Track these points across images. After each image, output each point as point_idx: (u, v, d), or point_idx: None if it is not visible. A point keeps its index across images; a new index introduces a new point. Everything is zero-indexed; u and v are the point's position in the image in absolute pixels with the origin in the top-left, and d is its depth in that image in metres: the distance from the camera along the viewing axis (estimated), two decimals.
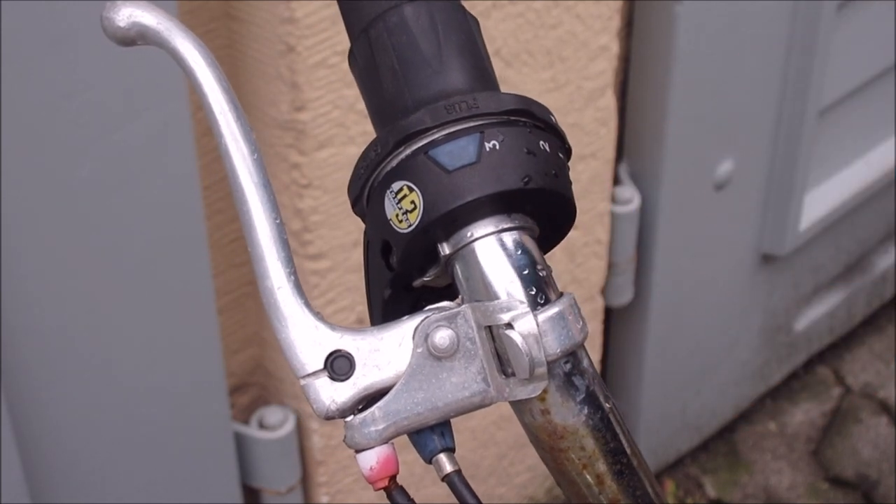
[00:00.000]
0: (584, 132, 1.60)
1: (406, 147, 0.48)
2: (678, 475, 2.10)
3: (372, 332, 0.48)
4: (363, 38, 0.50)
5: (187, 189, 1.25)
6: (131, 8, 0.47)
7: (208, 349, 1.36)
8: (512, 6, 1.40)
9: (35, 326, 1.20)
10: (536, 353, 0.47)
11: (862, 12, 1.84)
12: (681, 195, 1.78)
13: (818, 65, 1.78)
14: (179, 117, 1.20)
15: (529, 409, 0.49)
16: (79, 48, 1.10)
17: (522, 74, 1.47)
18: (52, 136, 1.13)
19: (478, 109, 0.48)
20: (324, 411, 0.47)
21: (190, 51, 0.47)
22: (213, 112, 0.47)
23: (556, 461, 0.50)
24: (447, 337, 0.47)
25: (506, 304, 0.47)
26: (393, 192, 0.48)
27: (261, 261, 0.47)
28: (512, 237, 0.48)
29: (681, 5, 1.60)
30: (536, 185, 0.48)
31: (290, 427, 1.51)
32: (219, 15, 1.28)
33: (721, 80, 1.73)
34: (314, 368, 0.47)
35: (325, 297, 1.41)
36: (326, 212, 1.36)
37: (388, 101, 0.49)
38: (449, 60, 0.49)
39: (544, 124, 0.49)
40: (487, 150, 0.47)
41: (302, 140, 1.29)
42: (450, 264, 0.49)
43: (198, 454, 1.42)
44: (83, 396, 1.27)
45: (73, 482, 1.31)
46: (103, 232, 1.21)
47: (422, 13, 0.49)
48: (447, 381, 0.47)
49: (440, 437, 0.48)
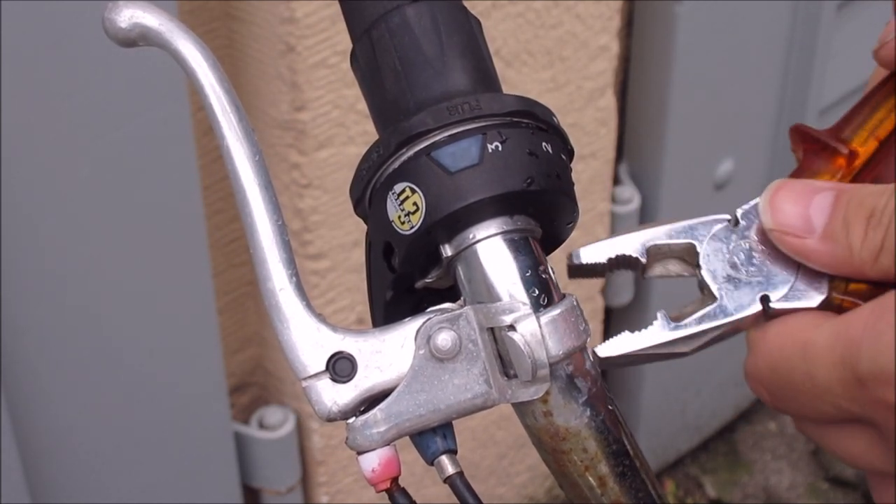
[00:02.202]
0: (584, 132, 1.60)
1: (408, 148, 0.48)
2: (678, 475, 2.10)
3: (374, 334, 0.48)
4: (365, 38, 0.50)
5: (187, 189, 1.25)
6: (133, 9, 0.47)
7: (208, 349, 1.36)
8: (512, 6, 1.40)
9: (35, 326, 1.20)
10: (539, 354, 0.47)
11: (862, 12, 1.84)
12: (681, 195, 1.78)
13: (818, 65, 1.78)
14: (179, 117, 1.20)
15: (532, 411, 0.49)
16: (79, 48, 1.09)
17: (522, 74, 1.47)
18: (52, 135, 1.13)
19: (480, 111, 0.47)
20: (325, 413, 0.47)
21: (192, 52, 0.47)
22: (215, 113, 0.47)
23: (559, 463, 0.50)
24: (449, 339, 0.47)
25: (508, 306, 0.47)
26: (395, 193, 0.48)
27: (262, 263, 0.47)
28: (514, 239, 0.48)
29: (681, 5, 1.60)
30: (539, 186, 0.47)
31: (290, 427, 1.51)
32: (219, 15, 1.28)
33: (721, 80, 1.73)
34: (316, 370, 0.47)
35: (325, 296, 1.41)
36: (326, 212, 1.36)
37: (390, 102, 0.49)
38: (451, 61, 0.49)
39: (547, 126, 0.49)
40: (490, 152, 0.47)
41: (302, 140, 1.29)
42: (452, 266, 0.49)
43: (198, 454, 1.42)
44: (83, 397, 1.27)
45: (73, 482, 1.30)
46: (103, 232, 1.21)
47: (424, 14, 0.49)
48: (449, 383, 0.47)
49: (442, 439, 0.48)
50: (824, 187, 0.49)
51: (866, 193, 0.48)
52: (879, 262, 0.47)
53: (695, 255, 0.52)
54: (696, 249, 0.52)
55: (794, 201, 0.50)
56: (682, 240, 0.52)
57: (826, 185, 0.50)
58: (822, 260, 0.49)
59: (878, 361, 0.45)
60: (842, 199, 0.48)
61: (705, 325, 0.51)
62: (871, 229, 0.47)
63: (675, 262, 0.53)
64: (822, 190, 0.49)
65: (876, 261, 0.47)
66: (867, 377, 0.46)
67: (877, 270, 0.47)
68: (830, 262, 0.49)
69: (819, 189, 0.49)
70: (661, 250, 0.52)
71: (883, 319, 0.46)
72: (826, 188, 0.49)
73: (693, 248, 0.52)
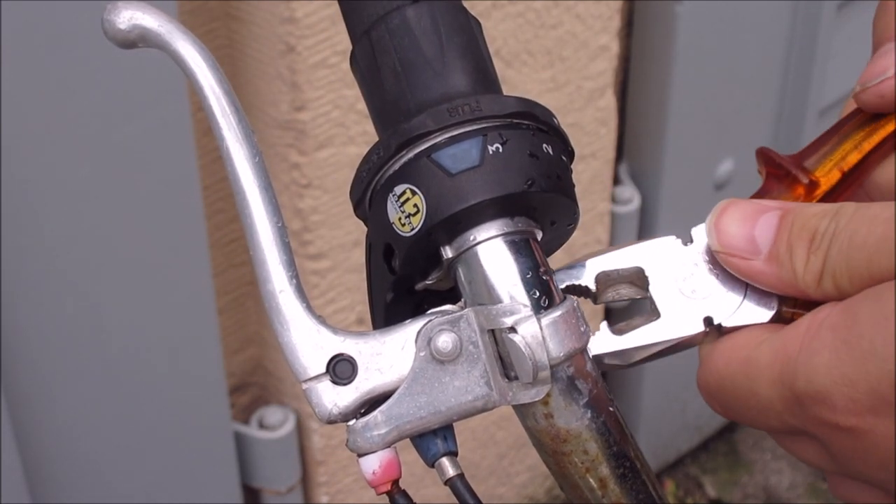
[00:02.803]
0: (584, 132, 1.60)
1: (408, 150, 0.47)
2: (678, 475, 2.10)
3: (374, 336, 0.48)
4: (365, 39, 0.50)
5: (187, 189, 1.25)
6: (132, 10, 0.47)
7: (208, 349, 1.35)
8: (512, 6, 1.40)
9: (35, 326, 1.20)
10: (539, 356, 0.47)
11: (862, 12, 1.84)
12: (681, 195, 1.78)
13: (818, 65, 1.78)
14: (179, 117, 1.20)
15: (532, 413, 0.49)
16: (79, 48, 1.09)
17: (522, 74, 1.47)
18: (52, 135, 1.13)
19: (480, 112, 0.47)
20: (326, 415, 0.47)
21: (191, 53, 0.47)
22: (214, 115, 0.47)
23: (559, 465, 0.50)
24: (450, 340, 0.47)
25: (509, 308, 0.47)
26: (395, 195, 0.47)
27: (262, 264, 0.47)
28: (515, 240, 0.48)
29: (681, 5, 1.60)
30: (539, 188, 0.47)
31: (290, 427, 1.51)
32: (219, 15, 1.28)
33: (721, 80, 1.73)
34: (316, 372, 0.47)
35: (325, 296, 1.41)
36: (326, 212, 1.36)
37: (390, 103, 0.49)
38: (451, 62, 0.49)
39: (547, 127, 0.49)
40: (490, 154, 0.47)
41: (302, 140, 1.29)
42: (452, 268, 0.49)
43: (198, 454, 1.42)
44: (83, 396, 1.27)
45: (73, 482, 1.30)
46: (103, 232, 1.21)
47: (424, 15, 0.49)
48: (450, 385, 0.47)
49: (443, 441, 0.48)
50: (770, 207, 0.49)
51: (810, 215, 0.48)
52: (822, 285, 0.47)
53: (644, 279, 0.52)
54: (643, 273, 0.52)
55: (741, 222, 0.49)
56: (630, 264, 0.52)
57: (772, 205, 0.49)
58: (769, 282, 0.49)
59: (814, 382, 0.46)
60: (786, 220, 0.49)
61: (643, 341, 0.52)
62: (812, 253, 0.47)
63: (625, 287, 0.53)
64: (768, 210, 0.49)
65: (818, 284, 0.47)
66: (804, 397, 0.46)
67: (820, 293, 0.48)
68: (777, 283, 0.49)
69: (765, 209, 0.49)
70: (611, 276, 0.53)
71: (817, 338, 0.46)
72: (772, 207, 0.49)
73: (641, 272, 0.52)
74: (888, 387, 0.44)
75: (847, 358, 0.45)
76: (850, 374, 0.45)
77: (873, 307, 0.45)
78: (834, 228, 0.47)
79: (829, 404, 0.45)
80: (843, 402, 0.45)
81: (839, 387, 0.45)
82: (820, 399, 0.46)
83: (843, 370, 0.45)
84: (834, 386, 0.45)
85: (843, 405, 0.45)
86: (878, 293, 0.45)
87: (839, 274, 0.47)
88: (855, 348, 0.45)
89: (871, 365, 0.44)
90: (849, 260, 0.46)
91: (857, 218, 0.46)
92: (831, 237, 0.47)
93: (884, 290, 0.45)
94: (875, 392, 0.44)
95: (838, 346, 0.45)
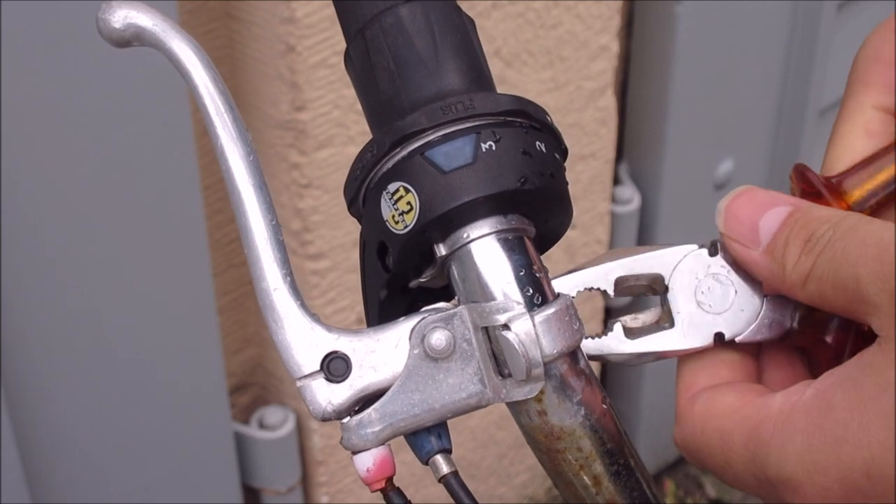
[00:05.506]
0: (584, 132, 1.60)
1: (402, 148, 0.48)
2: (678, 475, 2.10)
3: (368, 334, 0.48)
4: (359, 38, 0.50)
5: (187, 189, 1.25)
6: (127, 9, 0.47)
7: (208, 349, 1.36)
8: (512, 6, 1.40)
9: (35, 326, 1.20)
10: (533, 353, 0.47)
11: (862, 12, 1.84)
12: (681, 195, 1.78)
13: (818, 65, 1.78)
14: (179, 117, 1.20)
15: (526, 411, 0.49)
16: (79, 48, 1.10)
17: (522, 74, 1.47)
18: (52, 135, 1.13)
19: (474, 110, 0.48)
20: (320, 413, 0.47)
21: (185, 52, 0.47)
22: (208, 114, 0.47)
23: (553, 462, 0.50)
24: (444, 338, 0.47)
25: (502, 305, 0.47)
26: (389, 193, 0.48)
27: (257, 262, 0.47)
28: (508, 238, 0.48)
29: (681, 5, 1.60)
30: (532, 185, 0.48)
31: (290, 427, 1.51)
32: (219, 15, 1.29)
33: (721, 80, 1.73)
34: (310, 370, 0.47)
35: (325, 296, 1.41)
36: (326, 212, 1.36)
37: (384, 101, 0.49)
38: (445, 61, 0.49)
39: (540, 125, 0.49)
40: (483, 151, 0.47)
41: (302, 140, 1.29)
42: (446, 265, 0.49)
43: (198, 454, 1.42)
44: (83, 396, 1.27)
45: (73, 482, 1.31)
46: (103, 232, 1.21)
47: (418, 14, 0.49)
48: (444, 383, 0.47)
49: (437, 439, 0.48)
50: (783, 201, 0.50)
51: (814, 217, 0.48)
52: (807, 288, 0.48)
53: (662, 285, 0.52)
54: (663, 281, 0.52)
55: (750, 210, 0.50)
56: (650, 270, 0.53)
57: (786, 200, 0.50)
58: (762, 273, 0.50)
59: (786, 469, 0.46)
60: (792, 217, 0.49)
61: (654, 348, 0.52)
62: (804, 254, 0.48)
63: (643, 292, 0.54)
64: (780, 203, 0.50)
65: (804, 286, 0.48)
66: (776, 481, 0.46)
67: (804, 295, 0.48)
68: (768, 277, 0.50)
69: (777, 202, 0.50)
70: (629, 281, 0.53)
71: (790, 422, 0.46)
72: (784, 202, 0.50)
73: (661, 279, 0.53)
74: (861, 475, 0.44)
75: (819, 444, 0.45)
76: (821, 462, 0.45)
77: (848, 393, 0.45)
78: (830, 236, 0.47)
79: (801, 493, 0.46)
80: (815, 490, 0.45)
81: (811, 475, 0.45)
82: (791, 487, 0.46)
83: (814, 457, 0.45)
84: (805, 474, 0.45)
85: (815, 493, 0.45)
86: (852, 379, 0.45)
87: (825, 281, 0.47)
88: (828, 434, 0.45)
89: (844, 453, 0.44)
90: (836, 270, 0.46)
91: (854, 231, 0.46)
92: (825, 244, 0.47)
93: (858, 375, 0.45)
94: (846, 480, 0.44)
95: (812, 432, 0.45)
